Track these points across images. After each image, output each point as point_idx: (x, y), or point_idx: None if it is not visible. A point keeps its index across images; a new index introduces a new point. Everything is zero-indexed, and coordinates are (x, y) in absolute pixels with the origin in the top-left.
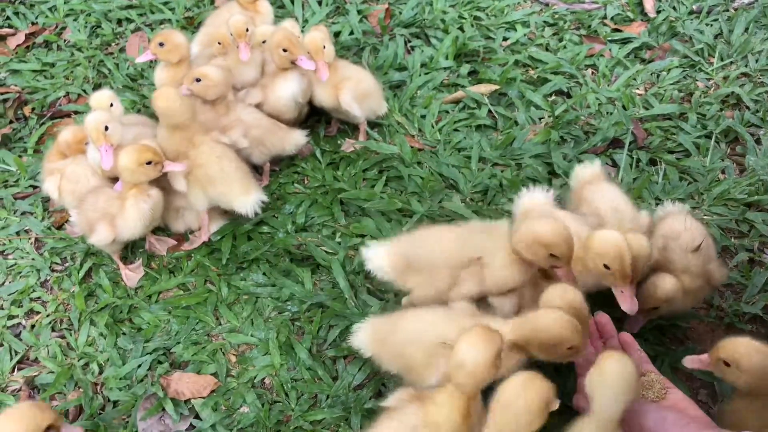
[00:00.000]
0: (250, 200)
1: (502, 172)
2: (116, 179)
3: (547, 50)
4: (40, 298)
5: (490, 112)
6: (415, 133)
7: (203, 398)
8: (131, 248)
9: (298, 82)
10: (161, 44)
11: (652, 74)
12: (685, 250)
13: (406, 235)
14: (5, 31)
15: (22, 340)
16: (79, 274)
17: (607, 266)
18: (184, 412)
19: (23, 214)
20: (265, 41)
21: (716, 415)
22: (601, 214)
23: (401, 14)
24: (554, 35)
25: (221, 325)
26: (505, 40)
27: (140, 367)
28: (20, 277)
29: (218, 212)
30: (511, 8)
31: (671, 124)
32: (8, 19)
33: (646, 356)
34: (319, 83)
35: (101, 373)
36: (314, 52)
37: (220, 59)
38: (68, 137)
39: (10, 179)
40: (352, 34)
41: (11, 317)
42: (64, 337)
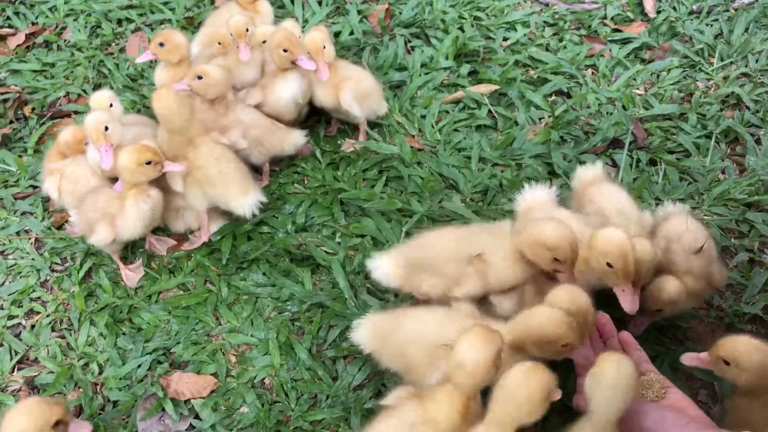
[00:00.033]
0: (248, 202)
1: (502, 172)
2: (116, 179)
3: (547, 50)
4: (40, 298)
5: (490, 112)
6: (415, 133)
7: (203, 398)
8: (131, 248)
9: (298, 82)
10: (161, 44)
11: (652, 74)
12: (687, 251)
13: (407, 242)
14: (5, 31)
15: (22, 340)
16: (79, 274)
17: (610, 264)
18: (183, 412)
19: (23, 214)
20: (265, 41)
21: (716, 415)
22: (606, 215)
23: (401, 14)
24: (554, 35)
25: (221, 325)
26: (505, 40)
27: (140, 367)
28: (20, 277)
29: (218, 212)
30: (511, 8)
31: (671, 124)
32: (8, 19)
33: (645, 355)
34: (319, 83)
35: (101, 373)
36: (314, 52)
37: (220, 59)
38: (68, 137)
39: (10, 179)
40: (352, 34)
41: (11, 317)
42: (64, 337)
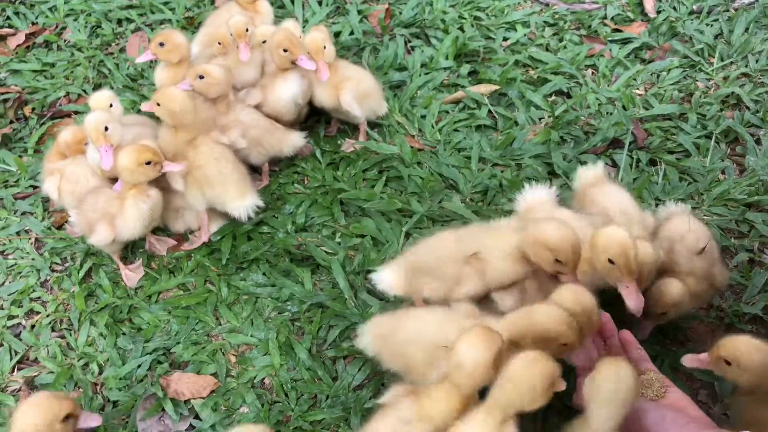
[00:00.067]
0: (244, 204)
1: (502, 172)
2: (116, 179)
3: (547, 50)
4: (40, 298)
5: (490, 112)
6: (415, 133)
7: (203, 398)
8: (131, 248)
9: (298, 83)
10: (161, 44)
11: (652, 74)
12: (690, 252)
13: (408, 250)
14: (5, 31)
15: (22, 340)
16: (79, 274)
17: (611, 261)
18: (183, 412)
19: (23, 214)
20: (265, 41)
21: (716, 415)
22: (609, 215)
23: (401, 14)
24: (554, 35)
25: (221, 325)
26: (505, 40)
27: (140, 367)
28: (20, 277)
29: (218, 212)
30: (511, 8)
31: (671, 124)
32: (8, 19)
33: (645, 355)
34: (319, 83)
35: (101, 373)
36: (315, 52)
37: (220, 59)
38: (68, 137)
39: (10, 179)
40: (352, 34)
41: (11, 317)
42: (64, 337)
